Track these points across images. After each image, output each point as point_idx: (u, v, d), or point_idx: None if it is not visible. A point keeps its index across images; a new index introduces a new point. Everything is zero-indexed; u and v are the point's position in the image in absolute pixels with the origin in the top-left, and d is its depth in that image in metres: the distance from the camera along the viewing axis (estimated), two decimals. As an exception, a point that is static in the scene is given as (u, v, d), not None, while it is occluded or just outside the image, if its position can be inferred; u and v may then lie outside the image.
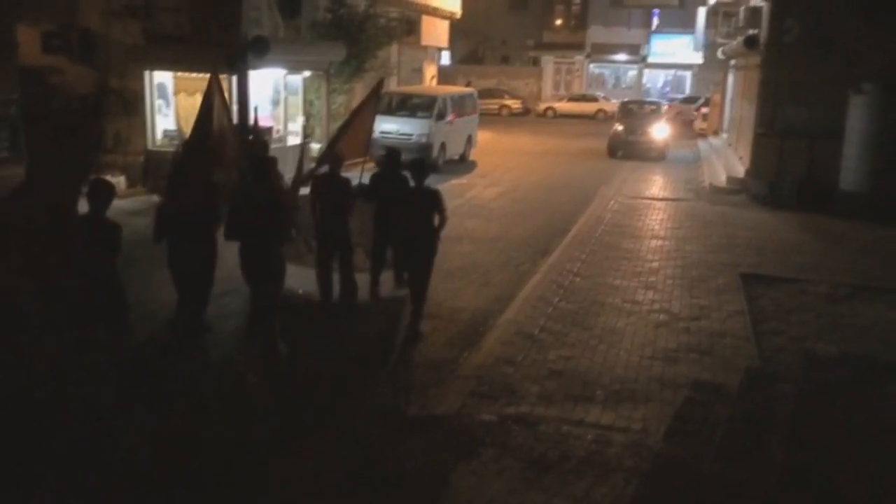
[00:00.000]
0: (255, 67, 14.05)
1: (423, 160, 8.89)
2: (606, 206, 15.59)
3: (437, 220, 7.81)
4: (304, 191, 8.67)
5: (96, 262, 6.10)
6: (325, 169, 8.67)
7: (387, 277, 9.10)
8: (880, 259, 11.64)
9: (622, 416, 6.16)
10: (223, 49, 13.47)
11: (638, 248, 12.04)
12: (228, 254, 7.36)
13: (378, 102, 10.34)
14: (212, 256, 7.40)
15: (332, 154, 8.70)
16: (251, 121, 10.82)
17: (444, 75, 41.07)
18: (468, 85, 39.69)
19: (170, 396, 6.42)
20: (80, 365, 6.08)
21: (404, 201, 8.03)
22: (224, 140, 8.12)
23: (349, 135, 9.06)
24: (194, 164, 7.64)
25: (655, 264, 11.04)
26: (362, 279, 8.75)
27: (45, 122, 14.28)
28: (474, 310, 8.91)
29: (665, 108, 30.55)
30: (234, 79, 13.88)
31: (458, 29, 43.50)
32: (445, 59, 49.18)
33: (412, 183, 8.02)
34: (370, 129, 9.51)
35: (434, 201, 7.81)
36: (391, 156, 9.02)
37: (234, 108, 14.00)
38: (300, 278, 8.70)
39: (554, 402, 6.39)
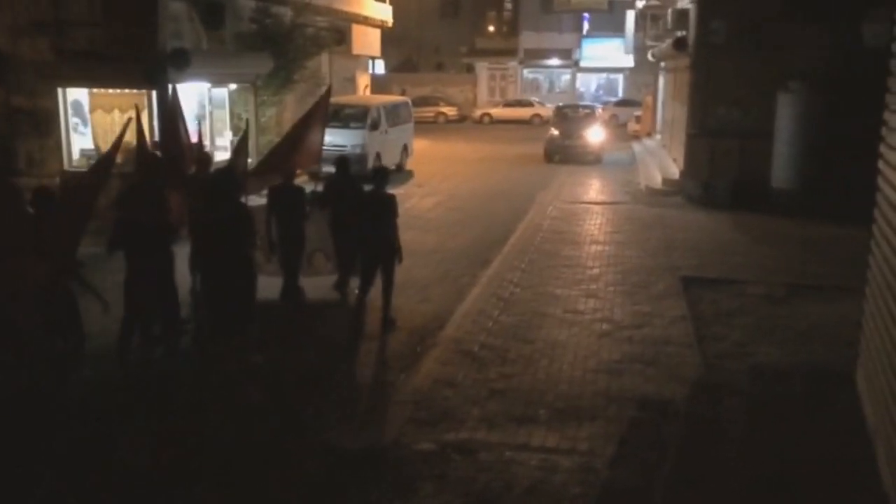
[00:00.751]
0: (175, 81, 13.41)
1: (385, 168, 9.77)
2: (545, 212, 15.43)
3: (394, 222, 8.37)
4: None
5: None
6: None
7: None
8: (814, 256, 11.70)
9: (567, 437, 5.87)
10: (141, 63, 12.83)
11: (578, 254, 11.87)
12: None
13: (327, 112, 10.99)
14: (171, 268, 7.37)
15: (287, 166, 9.15)
16: (193, 136, 10.39)
17: (379, 84, 40.69)
18: (403, 93, 39.41)
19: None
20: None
21: (364, 205, 8.45)
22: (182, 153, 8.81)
23: (303, 146, 9.47)
24: (149, 176, 7.91)
25: (596, 271, 10.87)
26: (321, 282, 9.50)
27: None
28: (411, 328, 8.56)
29: (599, 111, 30.77)
30: (154, 94, 13.23)
31: (391, 37, 43.14)
32: (380, 67, 48.94)
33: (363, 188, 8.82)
34: (321, 140, 9.91)
35: (392, 205, 8.34)
36: (342, 163, 9.43)
37: (155, 123, 13.45)
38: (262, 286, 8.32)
39: (496, 425, 6.07)
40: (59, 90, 13.68)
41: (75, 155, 14.13)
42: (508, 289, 9.91)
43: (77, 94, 14.06)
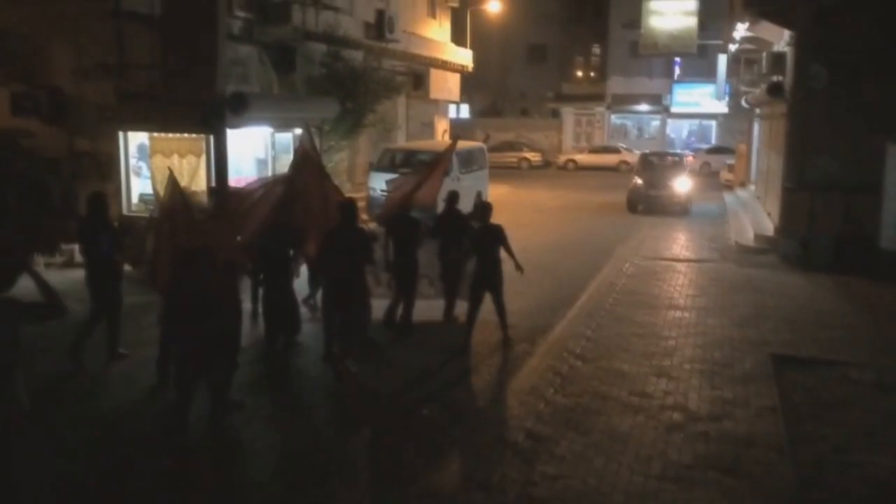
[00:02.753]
0: (234, 126, 13.03)
1: (489, 203, 10.07)
2: (621, 269, 14.20)
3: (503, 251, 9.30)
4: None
5: None
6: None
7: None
8: (934, 332, 10.10)
9: (616, 573, 4.72)
10: (198, 107, 12.47)
11: (653, 321, 10.61)
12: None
13: (450, 160, 12.85)
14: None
15: (407, 201, 10.07)
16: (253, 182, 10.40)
17: (462, 128, 40.33)
18: (486, 138, 38.86)
19: None
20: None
21: (475, 237, 9.47)
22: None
23: (423, 187, 10.32)
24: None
25: (672, 343, 9.59)
26: (428, 305, 10.19)
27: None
28: (459, 405, 7.53)
29: (689, 159, 29.18)
30: (211, 138, 12.83)
31: (476, 82, 42.98)
32: (464, 112, 48.75)
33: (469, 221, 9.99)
34: (439, 185, 10.80)
35: (501, 234, 9.30)
36: (452, 198, 10.25)
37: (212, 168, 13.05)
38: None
39: (529, 549, 4.98)
40: (121, 133, 13.49)
41: (134, 199, 13.88)
42: (568, 361, 8.78)
43: (142, 138, 13.85)
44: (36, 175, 13.83)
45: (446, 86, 27.04)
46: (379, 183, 17.84)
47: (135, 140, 13.83)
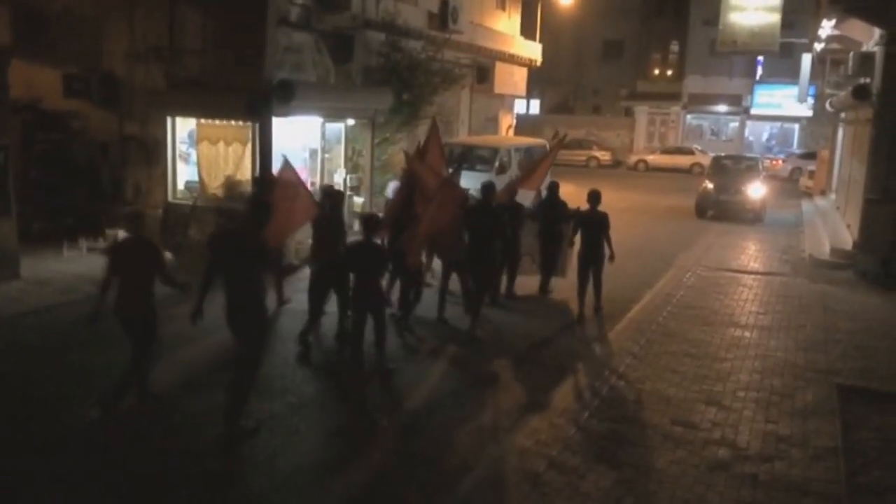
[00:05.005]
0: (281, 114, 12.67)
1: (599, 191, 10.74)
2: (681, 279, 13.34)
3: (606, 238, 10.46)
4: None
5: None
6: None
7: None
8: None
9: None
10: (245, 94, 12.15)
11: (708, 339, 9.78)
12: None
13: (556, 152, 14.21)
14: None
15: (513, 187, 11.61)
16: (277, 170, 10.35)
17: (531, 125, 39.52)
18: (555, 135, 37.86)
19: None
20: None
21: (582, 222, 10.62)
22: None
23: (530, 174, 12.43)
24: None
25: (727, 365, 8.77)
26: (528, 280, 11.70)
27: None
28: (477, 425, 6.95)
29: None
30: (257, 126, 12.52)
31: (548, 77, 42.09)
32: (535, 108, 47.84)
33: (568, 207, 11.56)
34: (546, 173, 12.86)
35: (605, 222, 10.46)
36: (553, 188, 11.74)
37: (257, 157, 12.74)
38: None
39: None
40: (169, 119, 13.32)
41: (180, 186, 13.71)
42: (609, 381, 8.08)
43: (192, 124, 13.67)
44: (86, 158, 13.82)
45: (512, 80, 26.28)
46: (434, 178, 17.33)
47: (185, 126, 13.66)
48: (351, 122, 15.46)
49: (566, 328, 10.29)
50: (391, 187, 13.09)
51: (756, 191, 21.40)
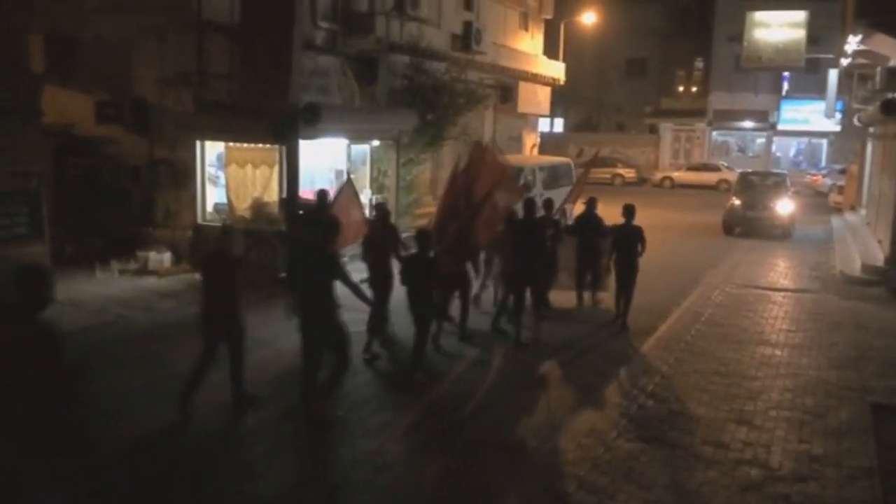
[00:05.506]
0: (308, 137, 12.84)
1: (634, 206, 11.10)
2: (709, 297, 13.23)
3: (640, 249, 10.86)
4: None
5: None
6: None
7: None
8: None
9: None
10: (271, 117, 12.33)
11: (738, 357, 9.67)
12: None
13: (592, 166, 14.42)
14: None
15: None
16: (334, 190, 11.25)
17: (555, 143, 39.57)
18: (580, 153, 37.88)
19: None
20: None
21: (617, 236, 10.97)
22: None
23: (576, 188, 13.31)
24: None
25: (757, 384, 8.67)
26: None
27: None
28: (509, 444, 6.92)
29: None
30: (284, 149, 12.68)
31: (571, 95, 42.17)
32: (558, 126, 47.91)
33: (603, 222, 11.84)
34: (581, 191, 13.35)
35: (640, 235, 10.86)
36: (591, 203, 11.97)
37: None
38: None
39: None
40: (198, 142, 13.54)
41: (209, 208, 13.90)
42: (638, 400, 8.02)
43: (220, 147, 13.89)
44: (118, 182, 14.06)
45: (536, 99, 26.37)
46: (458, 198, 17.37)
47: (213, 149, 13.89)
48: (376, 143, 15.61)
49: (594, 345, 10.25)
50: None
51: (784, 207, 21.19)
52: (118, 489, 5.94)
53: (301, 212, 11.71)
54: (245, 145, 13.34)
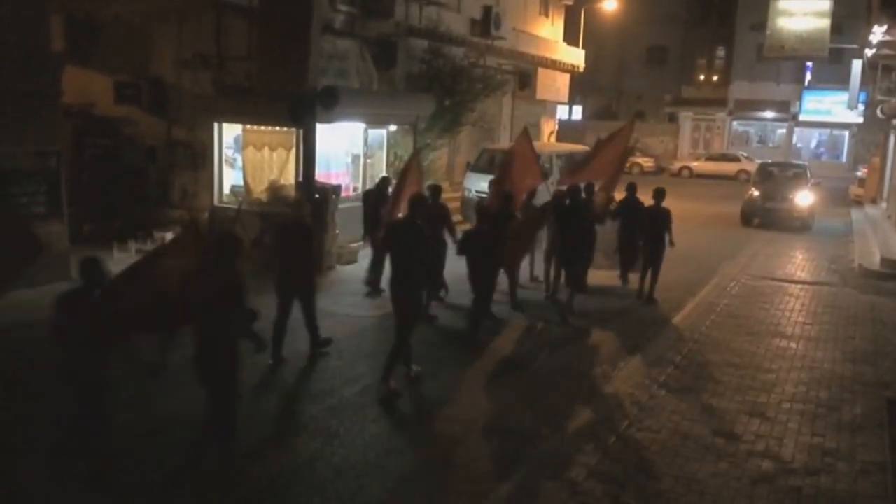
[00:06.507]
0: (325, 121, 12.82)
1: (663, 188, 11.88)
2: (725, 288, 13.14)
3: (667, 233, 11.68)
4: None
5: None
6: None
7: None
8: None
9: None
10: (289, 100, 12.33)
11: (753, 350, 9.61)
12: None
13: (627, 143, 13.46)
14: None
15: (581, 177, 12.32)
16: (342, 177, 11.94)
17: (574, 131, 39.32)
18: (598, 141, 37.64)
19: None
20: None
21: (648, 217, 11.71)
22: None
23: (599, 163, 12.78)
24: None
25: (772, 376, 8.62)
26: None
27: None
28: (515, 433, 6.93)
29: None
30: (301, 132, 12.68)
31: (591, 83, 41.92)
32: (577, 114, 47.59)
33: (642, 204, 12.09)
34: (622, 166, 13.08)
35: (668, 217, 11.73)
36: (631, 188, 12.36)
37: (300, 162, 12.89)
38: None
39: None
40: (216, 124, 13.58)
41: (226, 190, 13.95)
42: (650, 390, 8.00)
43: (238, 129, 13.92)
44: (135, 163, 14.14)
45: (554, 86, 26.19)
46: (475, 184, 17.26)
47: (231, 131, 13.92)
48: (393, 127, 15.59)
49: (611, 328, 10.23)
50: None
51: (804, 198, 20.98)
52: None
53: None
54: (262, 128, 13.36)
